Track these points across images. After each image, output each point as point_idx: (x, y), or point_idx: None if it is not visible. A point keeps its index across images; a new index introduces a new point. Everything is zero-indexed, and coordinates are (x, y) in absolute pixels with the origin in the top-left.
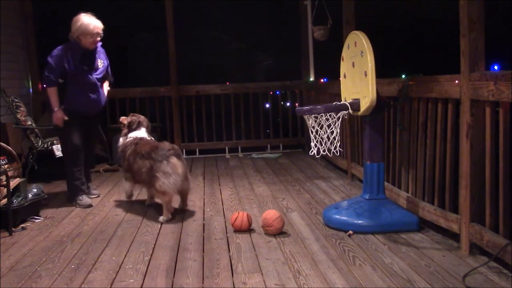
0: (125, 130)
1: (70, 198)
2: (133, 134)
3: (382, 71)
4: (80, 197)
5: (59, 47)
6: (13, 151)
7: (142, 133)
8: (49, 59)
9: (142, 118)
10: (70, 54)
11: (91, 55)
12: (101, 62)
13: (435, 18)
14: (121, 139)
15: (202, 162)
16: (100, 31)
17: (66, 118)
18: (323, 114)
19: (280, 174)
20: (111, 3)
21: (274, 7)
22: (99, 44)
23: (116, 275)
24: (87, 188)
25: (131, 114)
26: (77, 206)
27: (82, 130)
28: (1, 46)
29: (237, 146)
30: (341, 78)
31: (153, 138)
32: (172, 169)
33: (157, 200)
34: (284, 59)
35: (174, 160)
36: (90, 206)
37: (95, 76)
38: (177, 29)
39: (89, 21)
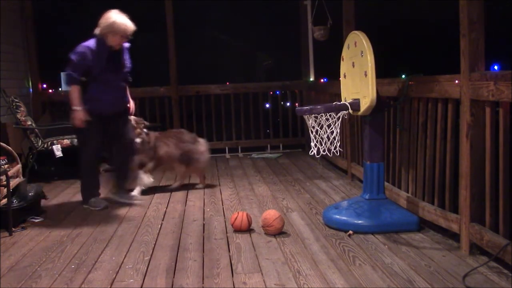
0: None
1: (83, 201)
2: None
3: (382, 71)
4: (93, 199)
5: (84, 44)
6: (13, 151)
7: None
8: (73, 56)
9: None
10: (95, 51)
11: (117, 54)
12: (126, 62)
13: (435, 18)
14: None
15: None
16: (131, 34)
17: (88, 118)
18: (323, 114)
19: (280, 174)
20: (111, 3)
21: (274, 7)
22: (127, 44)
23: (116, 275)
24: (124, 192)
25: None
26: (90, 208)
27: (105, 130)
28: (1, 46)
29: (237, 146)
30: (341, 78)
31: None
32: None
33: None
34: (284, 59)
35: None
36: (105, 208)
37: (121, 75)
38: (177, 29)
39: (123, 21)
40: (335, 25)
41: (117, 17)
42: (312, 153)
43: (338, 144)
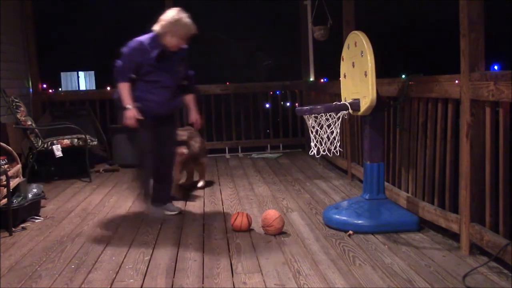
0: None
1: (145, 207)
2: None
3: (382, 71)
4: (169, 204)
5: (137, 39)
6: (13, 151)
7: None
8: (125, 51)
9: None
10: (149, 48)
11: (172, 55)
12: (182, 67)
13: (435, 18)
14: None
15: None
16: (191, 36)
17: (140, 117)
18: (323, 114)
19: (280, 174)
20: (111, 3)
21: (274, 7)
22: (185, 47)
23: (116, 275)
24: (169, 203)
25: None
26: (167, 212)
27: (155, 131)
28: (1, 46)
29: (237, 146)
30: (341, 78)
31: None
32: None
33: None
34: (284, 59)
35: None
36: (179, 212)
37: (172, 77)
38: None
39: (188, 23)
40: (335, 25)
41: (183, 17)
42: (312, 153)
43: (338, 144)
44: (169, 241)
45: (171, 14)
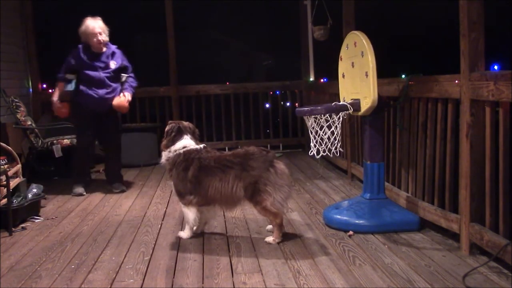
0: (164, 141)
1: (68, 188)
2: (180, 145)
3: (382, 71)
4: (75, 186)
5: (71, 52)
6: (13, 151)
7: (189, 142)
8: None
9: (184, 123)
10: (79, 52)
11: (101, 55)
12: (113, 63)
13: (435, 18)
14: (164, 155)
15: None
16: (101, 30)
17: (61, 108)
18: (322, 115)
19: None
20: (111, 3)
21: (274, 7)
22: (114, 47)
23: (116, 275)
24: (111, 182)
25: (169, 121)
26: (71, 195)
27: (95, 127)
28: (1, 46)
29: (237, 146)
30: (340, 78)
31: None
32: (282, 178)
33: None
34: (284, 59)
35: (280, 165)
36: (80, 195)
37: (104, 73)
38: (177, 29)
39: (89, 23)
40: (335, 25)
41: (86, 22)
42: (312, 154)
43: (339, 145)
44: (169, 241)
45: (82, 24)
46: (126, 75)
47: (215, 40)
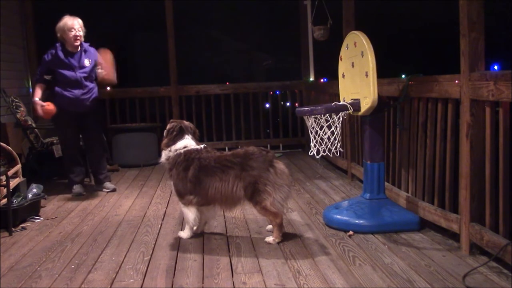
0: (165, 140)
1: (68, 189)
2: (181, 145)
3: (382, 71)
4: (74, 187)
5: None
6: (13, 151)
7: (190, 142)
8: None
9: (186, 123)
10: (55, 52)
11: (76, 54)
12: (88, 61)
13: (435, 18)
14: (164, 154)
15: None
16: (77, 27)
17: (47, 106)
18: (323, 115)
19: None
20: (111, 3)
21: (274, 7)
22: (86, 44)
23: (116, 275)
24: (99, 182)
25: (171, 120)
26: (71, 195)
27: (76, 126)
28: (1, 46)
29: (237, 146)
30: (340, 78)
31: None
32: (282, 178)
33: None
34: (284, 59)
35: (280, 165)
36: (80, 194)
37: (80, 73)
38: (177, 29)
39: (67, 19)
40: (335, 25)
41: (64, 19)
42: (312, 154)
43: (339, 145)
44: (169, 241)
45: (60, 21)
46: (101, 70)
47: (215, 40)
